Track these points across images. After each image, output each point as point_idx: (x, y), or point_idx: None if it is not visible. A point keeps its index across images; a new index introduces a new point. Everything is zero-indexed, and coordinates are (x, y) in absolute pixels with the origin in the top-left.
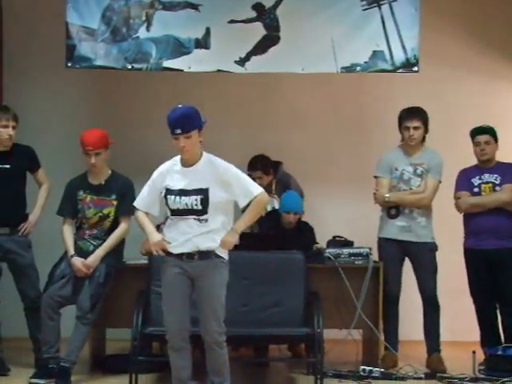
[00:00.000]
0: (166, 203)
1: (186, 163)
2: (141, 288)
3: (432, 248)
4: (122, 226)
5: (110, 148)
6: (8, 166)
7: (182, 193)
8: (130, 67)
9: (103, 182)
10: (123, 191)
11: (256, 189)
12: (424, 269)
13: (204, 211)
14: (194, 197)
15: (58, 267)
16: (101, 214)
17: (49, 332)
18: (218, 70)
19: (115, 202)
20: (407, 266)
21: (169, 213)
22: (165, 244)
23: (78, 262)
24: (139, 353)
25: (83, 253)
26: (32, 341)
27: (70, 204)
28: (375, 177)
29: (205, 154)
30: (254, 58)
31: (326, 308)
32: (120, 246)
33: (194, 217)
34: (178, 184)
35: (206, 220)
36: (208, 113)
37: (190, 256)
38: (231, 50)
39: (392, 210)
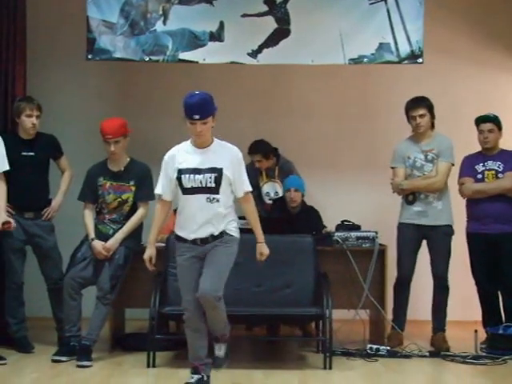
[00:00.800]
0: (180, 183)
1: (198, 146)
2: (158, 270)
3: (447, 232)
4: (141, 211)
5: (128, 136)
6: (32, 154)
7: (196, 171)
8: (147, 59)
9: (122, 169)
10: (141, 177)
11: (249, 186)
12: (437, 251)
13: (217, 190)
14: (208, 175)
15: (80, 250)
16: (120, 200)
17: (71, 312)
18: (232, 62)
19: (133, 188)
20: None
21: (181, 192)
22: (150, 262)
23: (98, 244)
24: (157, 331)
25: (103, 236)
26: (55, 320)
27: (90, 190)
28: (391, 168)
29: (215, 139)
30: (265, 51)
31: (335, 289)
32: (138, 229)
33: (207, 195)
34: (191, 163)
35: (218, 200)
36: (221, 103)
37: (203, 240)
38: (244, 42)
39: (409, 196)
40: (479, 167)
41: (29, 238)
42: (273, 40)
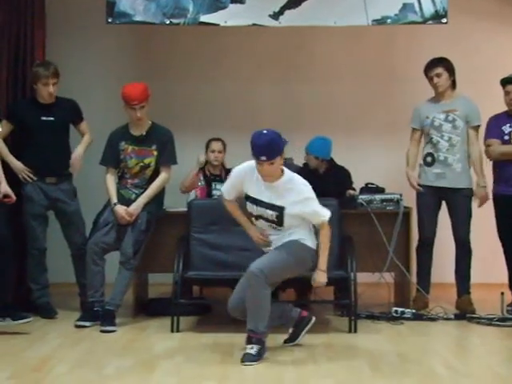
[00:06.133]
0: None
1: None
2: (181, 234)
3: (467, 194)
4: (163, 175)
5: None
6: (52, 119)
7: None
8: (168, 22)
9: (144, 133)
10: (163, 142)
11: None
12: (458, 214)
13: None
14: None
15: (102, 215)
16: (142, 164)
17: (94, 277)
18: (253, 24)
19: (156, 153)
20: (442, 210)
21: None
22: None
23: (120, 209)
24: (180, 296)
25: (125, 201)
26: (78, 285)
27: (112, 154)
28: (412, 128)
29: (285, 174)
30: (287, 12)
31: (359, 252)
32: (161, 194)
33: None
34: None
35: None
36: (243, 66)
37: None
38: (265, 4)
39: (428, 157)
40: (506, 128)
41: (51, 203)
42: (294, 1)
